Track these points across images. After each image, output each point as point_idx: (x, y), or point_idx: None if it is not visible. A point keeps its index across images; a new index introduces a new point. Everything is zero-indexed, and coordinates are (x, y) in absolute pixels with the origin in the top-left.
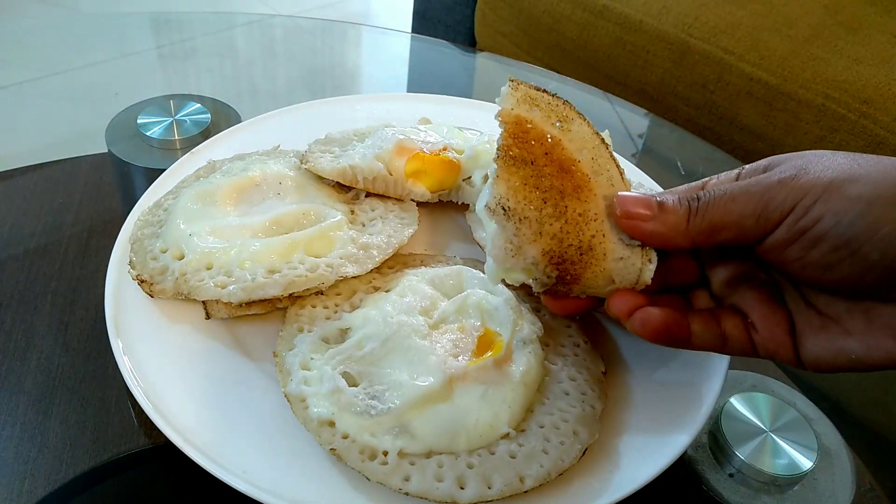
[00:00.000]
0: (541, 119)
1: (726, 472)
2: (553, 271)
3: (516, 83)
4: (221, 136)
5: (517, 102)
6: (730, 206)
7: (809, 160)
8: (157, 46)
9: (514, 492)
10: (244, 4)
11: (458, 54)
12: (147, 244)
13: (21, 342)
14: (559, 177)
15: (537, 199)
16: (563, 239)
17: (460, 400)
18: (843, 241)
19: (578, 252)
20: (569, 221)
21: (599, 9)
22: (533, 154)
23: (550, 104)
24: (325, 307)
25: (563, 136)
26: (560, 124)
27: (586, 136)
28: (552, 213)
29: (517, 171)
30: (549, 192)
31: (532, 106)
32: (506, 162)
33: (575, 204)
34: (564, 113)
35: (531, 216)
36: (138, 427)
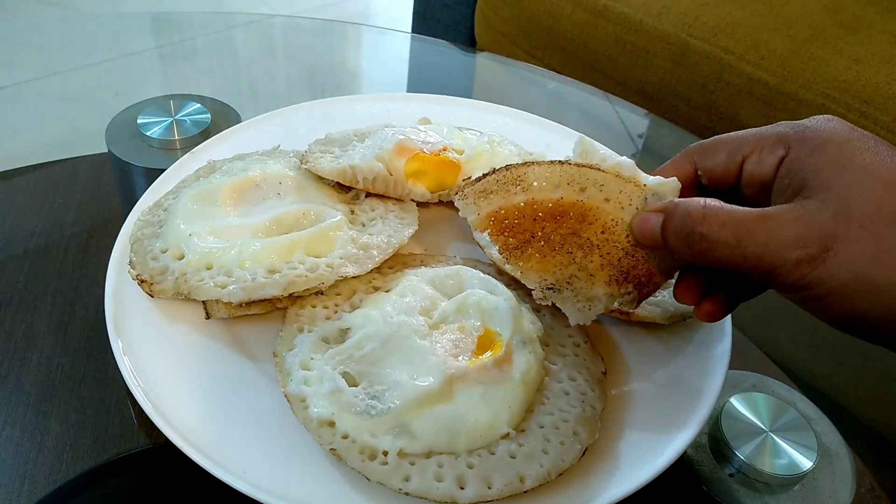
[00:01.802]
0: (503, 199)
1: (726, 472)
2: (627, 287)
3: (461, 191)
4: (221, 136)
5: (475, 204)
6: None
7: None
8: (157, 46)
9: (514, 492)
10: (244, 4)
11: (458, 54)
12: (147, 244)
13: (21, 342)
14: (560, 225)
15: (563, 257)
16: (609, 261)
17: (460, 400)
18: None
19: (629, 256)
20: (600, 245)
21: (599, 9)
22: (525, 230)
23: (499, 181)
24: (325, 307)
25: (529, 194)
26: (518, 187)
27: (545, 172)
28: (584, 254)
29: (529, 254)
30: (566, 243)
31: (486, 196)
32: (514, 255)
33: (591, 230)
34: (513, 176)
35: (571, 271)
36: (138, 427)
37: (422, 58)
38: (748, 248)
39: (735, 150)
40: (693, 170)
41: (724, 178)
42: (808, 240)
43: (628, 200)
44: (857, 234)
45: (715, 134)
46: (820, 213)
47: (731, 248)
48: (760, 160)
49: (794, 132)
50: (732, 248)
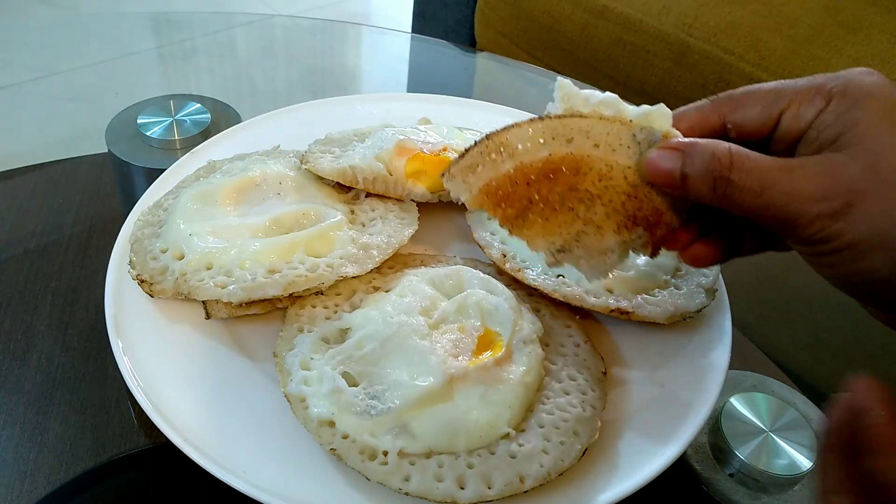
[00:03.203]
0: (490, 171)
1: (726, 472)
2: (636, 231)
3: (447, 173)
4: (221, 136)
5: (465, 182)
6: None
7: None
8: (157, 46)
9: (514, 492)
10: (244, 4)
11: (458, 54)
12: (147, 244)
13: (21, 342)
14: (556, 182)
15: (566, 215)
16: (613, 208)
17: (460, 400)
18: None
19: (632, 198)
20: (601, 194)
21: (599, 9)
22: (521, 197)
23: (482, 152)
24: (325, 307)
25: (516, 159)
26: (503, 155)
27: (527, 133)
28: (587, 207)
29: (531, 220)
30: (566, 200)
31: (474, 171)
32: (516, 225)
33: (588, 180)
34: (495, 144)
35: (577, 228)
36: (138, 427)
37: (422, 58)
38: (772, 197)
39: (772, 104)
40: (720, 122)
41: (757, 131)
42: (832, 193)
43: (618, 141)
44: (884, 192)
45: None
46: (847, 168)
47: (754, 195)
48: (798, 114)
49: (833, 85)
50: (756, 195)
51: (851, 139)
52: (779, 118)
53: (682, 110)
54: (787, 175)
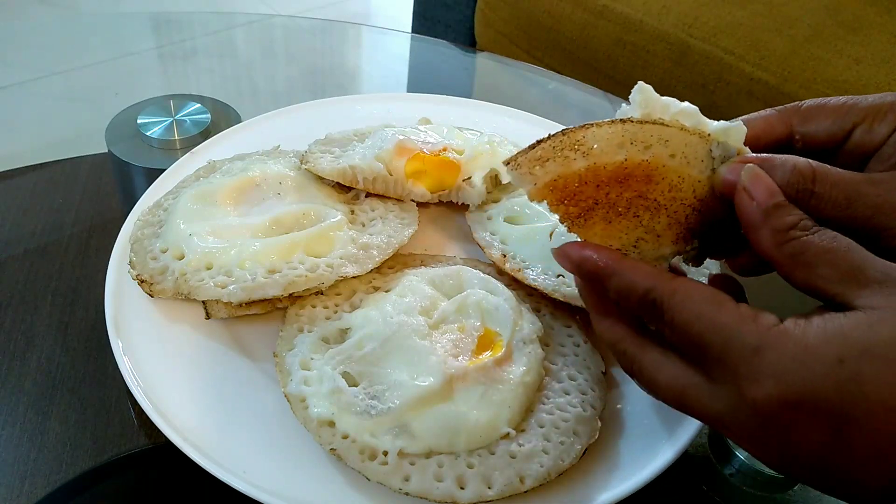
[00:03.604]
0: (561, 166)
1: (726, 472)
2: (693, 243)
3: (513, 161)
4: (221, 136)
5: (531, 174)
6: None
7: None
8: (157, 46)
9: (514, 492)
10: (244, 4)
11: (458, 54)
12: (147, 244)
13: (21, 342)
14: (626, 188)
15: (630, 221)
16: (676, 220)
17: (460, 400)
18: None
19: (696, 212)
20: (667, 205)
21: (599, 9)
22: (588, 197)
23: (555, 147)
24: (325, 307)
25: (590, 159)
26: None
27: (606, 134)
28: (652, 216)
29: (593, 222)
30: (632, 206)
31: (543, 164)
32: (577, 225)
33: (658, 189)
34: (571, 140)
35: (638, 234)
36: (138, 427)
37: (422, 58)
38: (857, 210)
39: (844, 117)
40: (787, 132)
41: (825, 143)
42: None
43: (694, 153)
44: None
45: None
46: None
47: (840, 208)
48: (871, 129)
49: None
50: (842, 208)
51: None
52: (850, 132)
53: (746, 119)
54: (874, 189)
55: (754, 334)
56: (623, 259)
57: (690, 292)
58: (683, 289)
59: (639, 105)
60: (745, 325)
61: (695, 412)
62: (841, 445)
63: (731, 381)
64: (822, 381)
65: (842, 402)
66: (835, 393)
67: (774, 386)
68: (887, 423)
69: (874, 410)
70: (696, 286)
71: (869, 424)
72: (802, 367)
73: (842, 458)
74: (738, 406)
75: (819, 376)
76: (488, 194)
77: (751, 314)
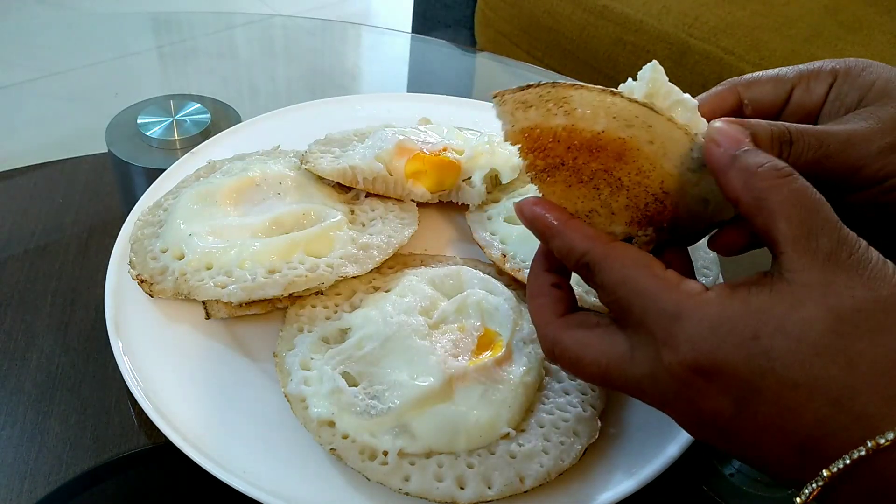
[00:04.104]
0: (541, 117)
1: (726, 472)
2: (647, 230)
3: (500, 96)
4: (221, 136)
5: (512, 115)
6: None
7: None
8: (157, 46)
9: (514, 492)
10: (244, 4)
11: (458, 54)
12: (147, 244)
13: (21, 342)
14: (594, 159)
15: (589, 191)
16: (635, 203)
17: (460, 400)
18: None
19: (657, 202)
20: (630, 187)
21: (599, 9)
22: (557, 155)
23: (542, 96)
24: (325, 307)
25: (570, 119)
26: (560, 108)
27: (594, 101)
28: (612, 192)
29: (555, 180)
30: (595, 178)
31: (526, 109)
32: (539, 178)
33: (626, 170)
34: (559, 95)
35: (593, 206)
36: (138, 427)
37: (422, 58)
38: (830, 146)
39: (782, 81)
40: (738, 100)
41: (770, 107)
42: (886, 130)
43: (674, 147)
44: None
45: None
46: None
47: (814, 148)
48: (809, 89)
49: (834, 65)
50: (815, 148)
51: (876, 95)
52: (790, 93)
53: (701, 97)
54: (842, 126)
55: (674, 301)
56: (569, 220)
57: (621, 256)
58: (615, 252)
59: (646, 83)
60: (666, 291)
61: (617, 384)
62: (745, 415)
63: (651, 344)
64: (735, 352)
65: (750, 375)
66: (745, 365)
67: (689, 352)
68: (790, 398)
69: (779, 386)
70: (628, 250)
71: (773, 398)
72: (717, 337)
73: (745, 427)
74: (655, 370)
75: (732, 347)
76: (488, 194)
77: (675, 280)
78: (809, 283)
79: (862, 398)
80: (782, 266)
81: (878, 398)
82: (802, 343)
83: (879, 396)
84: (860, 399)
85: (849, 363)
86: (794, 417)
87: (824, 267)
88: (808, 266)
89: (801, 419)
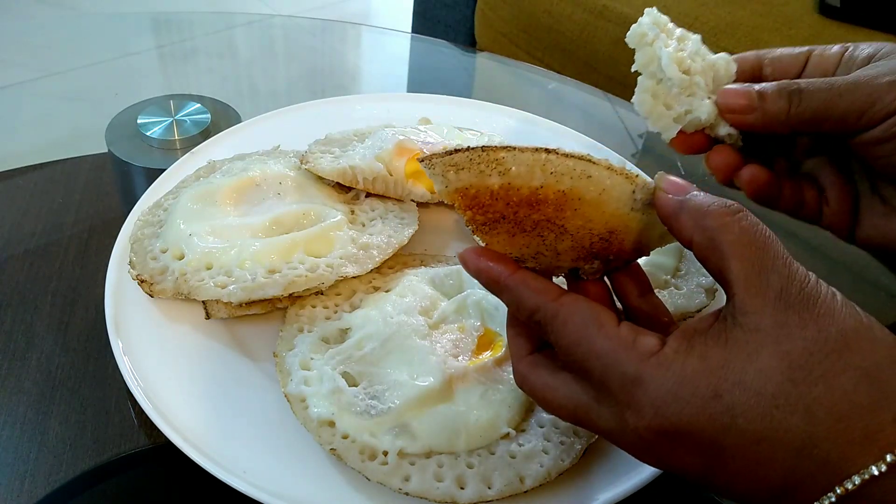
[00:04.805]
0: (475, 177)
1: None
2: (593, 263)
3: (428, 161)
4: (221, 136)
5: (444, 176)
6: (835, 100)
7: None
8: (157, 46)
9: (514, 492)
10: (244, 4)
11: (458, 54)
12: (147, 244)
13: (21, 342)
14: (535, 211)
15: (533, 238)
16: (580, 244)
17: (460, 400)
18: None
19: (603, 241)
20: (574, 233)
21: (599, 9)
22: (496, 210)
23: (472, 160)
24: (325, 307)
25: (506, 179)
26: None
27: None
28: (555, 237)
29: (497, 232)
30: (538, 227)
31: (456, 171)
32: (481, 231)
33: (569, 217)
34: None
35: (539, 249)
36: (138, 427)
37: (422, 58)
38: (841, 86)
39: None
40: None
41: (789, 68)
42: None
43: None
44: None
45: None
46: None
47: (823, 91)
48: (824, 52)
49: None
50: (825, 90)
51: (886, 53)
52: (807, 58)
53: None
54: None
55: (632, 363)
56: (514, 274)
57: (572, 314)
58: (565, 311)
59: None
60: (622, 353)
61: (588, 427)
62: (716, 472)
63: (614, 405)
64: (698, 414)
65: (715, 434)
66: (709, 425)
67: (653, 417)
68: (755, 452)
69: (744, 441)
70: (578, 307)
71: (739, 453)
72: (679, 400)
73: (718, 480)
74: (622, 428)
75: (695, 409)
76: None
77: (629, 339)
78: (762, 327)
79: (825, 445)
80: (736, 309)
81: (839, 444)
82: (761, 396)
83: (841, 442)
84: (823, 446)
85: (806, 411)
86: (762, 470)
87: (775, 307)
88: (759, 308)
89: (769, 471)
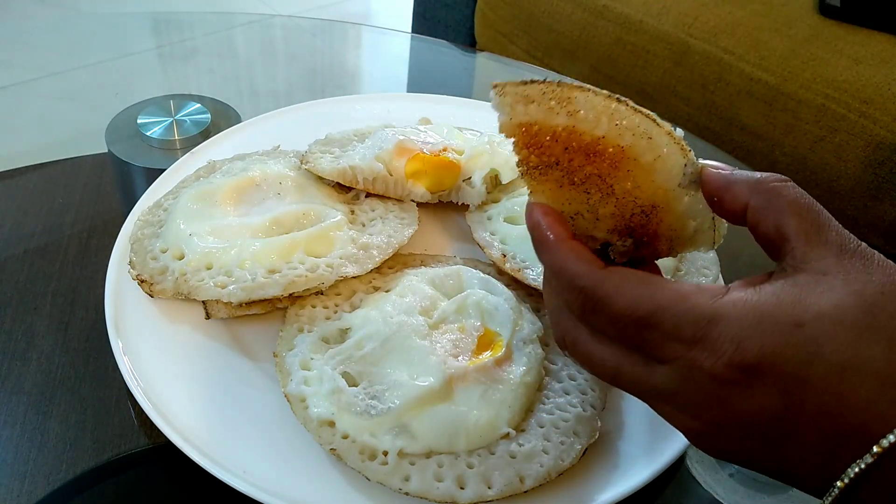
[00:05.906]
0: (543, 114)
1: (726, 472)
2: (626, 240)
3: (501, 87)
4: (221, 136)
5: (511, 107)
6: None
7: None
8: (157, 46)
9: (514, 492)
10: (244, 4)
11: (458, 54)
12: (147, 244)
13: (21, 342)
14: (590, 163)
15: (579, 194)
16: (622, 213)
17: (460, 400)
18: None
19: (643, 214)
20: (620, 196)
21: (599, 9)
22: (553, 154)
23: (545, 93)
24: (325, 307)
25: (572, 121)
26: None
27: (598, 105)
28: (600, 198)
29: (546, 179)
30: (587, 182)
31: (527, 104)
32: (530, 175)
33: (619, 177)
34: (563, 95)
35: (579, 209)
36: (138, 427)
37: (422, 58)
38: None
39: None
40: None
41: None
42: None
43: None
44: None
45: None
46: None
47: None
48: None
49: None
50: None
51: None
52: None
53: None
54: None
55: (706, 305)
56: (568, 240)
57: (625, 278)
58: (616, 276)
59: None
60: (692, 299)
61: (629, 388)
62: (792, 409)
63: (682, 355)
64: (782, 344)
65: (799, 365)
66: (793, 356)
67: (734, 352)
68: (839, 383)
69: (828, 371)
70: (628, 272)
71: (822, 385)
72: (762, 332)
73: (788, 424)
74: (684, 380)
75: (778, 339)
76: (488, 194)
77: (693, 287)
78: (829, 270)
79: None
80: (797, 259)
81: None
82: (844, 326)
83: None
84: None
85: (889, 341)
86: (843, 402)
87: (838, 256)
88: (823, 255)
89: (849, 403)
